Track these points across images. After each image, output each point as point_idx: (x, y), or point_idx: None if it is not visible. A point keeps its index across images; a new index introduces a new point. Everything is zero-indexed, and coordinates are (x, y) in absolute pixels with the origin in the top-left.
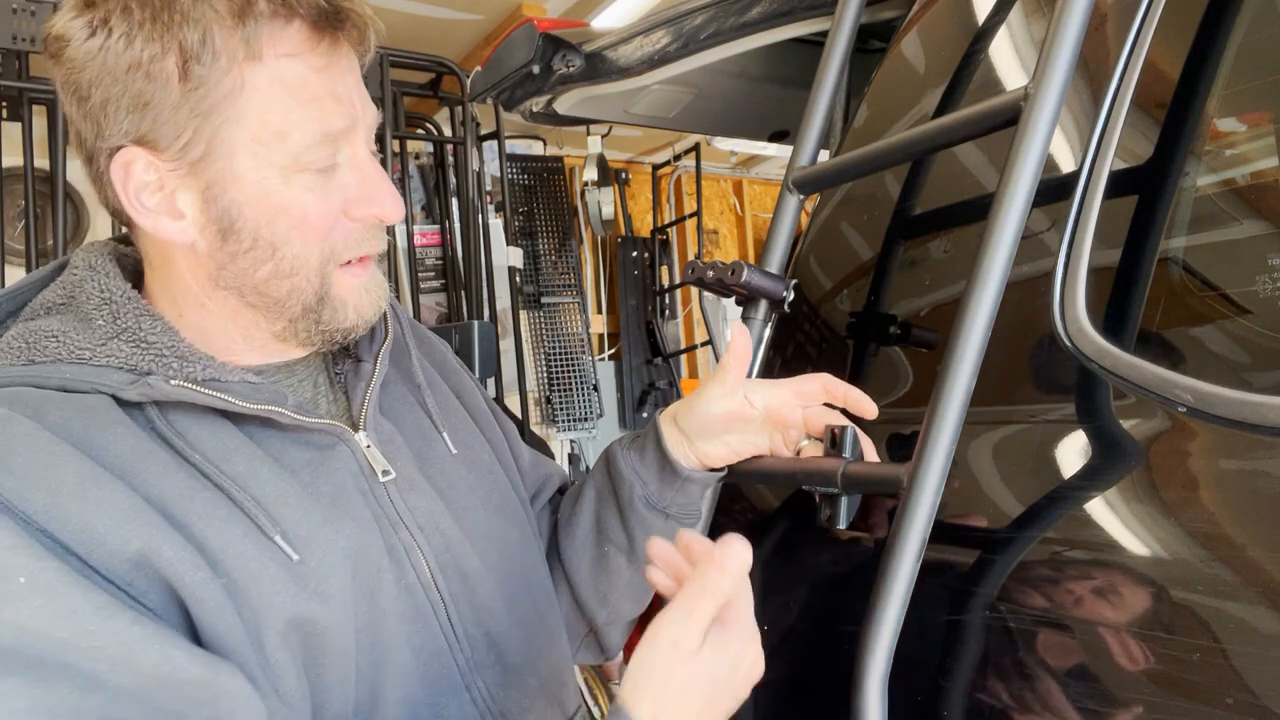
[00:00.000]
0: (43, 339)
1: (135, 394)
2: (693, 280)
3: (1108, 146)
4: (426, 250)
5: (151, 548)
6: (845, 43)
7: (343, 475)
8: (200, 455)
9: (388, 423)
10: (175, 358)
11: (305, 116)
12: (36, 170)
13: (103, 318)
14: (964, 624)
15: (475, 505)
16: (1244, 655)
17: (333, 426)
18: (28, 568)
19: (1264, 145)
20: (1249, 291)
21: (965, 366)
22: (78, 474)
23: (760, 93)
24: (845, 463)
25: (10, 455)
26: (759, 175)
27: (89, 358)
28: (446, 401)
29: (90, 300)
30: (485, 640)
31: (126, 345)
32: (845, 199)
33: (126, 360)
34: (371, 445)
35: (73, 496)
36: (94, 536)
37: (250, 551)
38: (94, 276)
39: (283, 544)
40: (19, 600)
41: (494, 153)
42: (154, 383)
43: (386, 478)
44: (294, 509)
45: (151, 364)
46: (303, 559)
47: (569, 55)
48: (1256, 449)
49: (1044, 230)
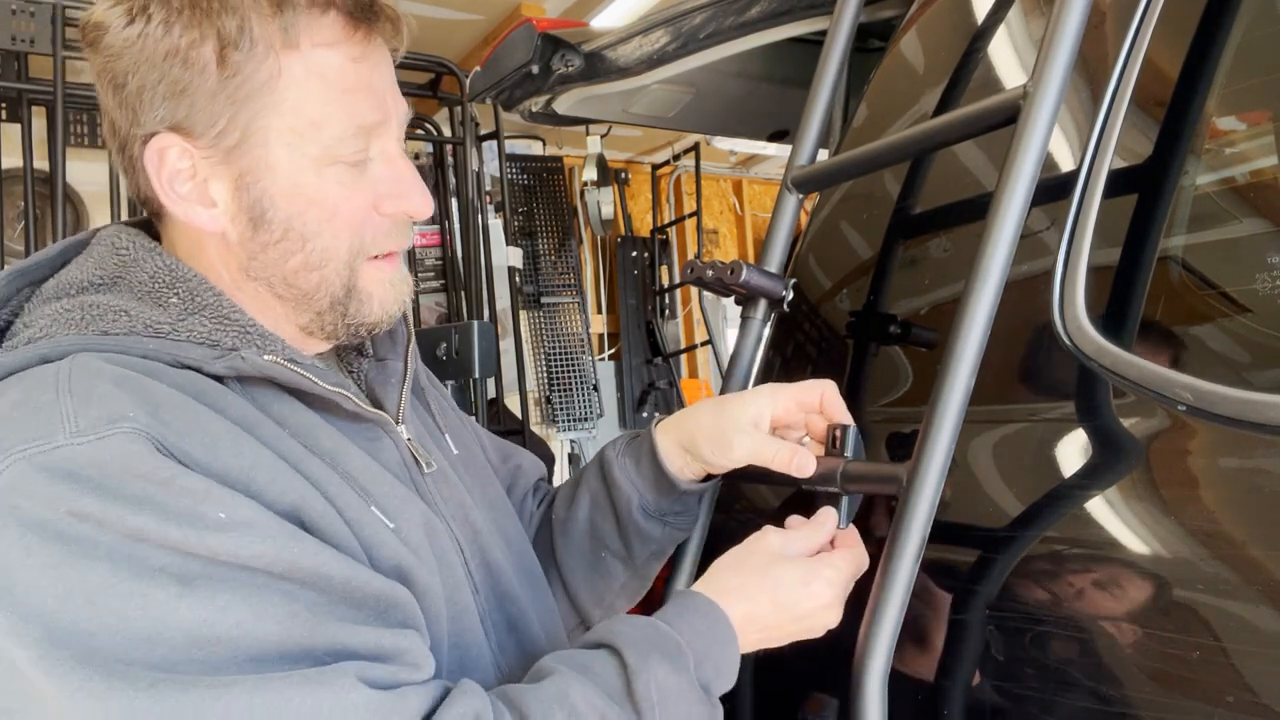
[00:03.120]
0: (108, 313)
1: (222, 367)
2: (692, 280)
3: (1107, 145)
4: (426, 250)
5: (304, 501)
6: (844, 42)
7: (395, 464)
8: (291, 430)
9: (416, 418)
10: (259, 335)
11: (340, 108)
12: (36, 171)
13: (176, 294)
14: (964, 623)
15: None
16: (1244, 654)
17: (381, 417)
18: (225, 503)
19: (1263, 144)
20: (1248, 290)
21: (965, 365)
22: (224, 429)
23: (759, 92)
24: (845, 462)
25: (160, 409)
26: (758, 175)
27: (167, 332)
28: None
29: (155, 278)
30: (507, 625)
31: (209, 321)
32: (844, 198)
33: (208, 336)
34: (412, 438)
35: (228, 450)
36: (252, 489)
37: (365, 514)
38: (152, 256)
39: (379, 514)
40: (222, 531)
41: (493, 153)
42: (247, 356)
43: (429, 470)
44: (380, 484)
45: (236, 340)
46: (398, 526)
47: (568, 55)
48: (1256, 447)
49: (1043, 229)
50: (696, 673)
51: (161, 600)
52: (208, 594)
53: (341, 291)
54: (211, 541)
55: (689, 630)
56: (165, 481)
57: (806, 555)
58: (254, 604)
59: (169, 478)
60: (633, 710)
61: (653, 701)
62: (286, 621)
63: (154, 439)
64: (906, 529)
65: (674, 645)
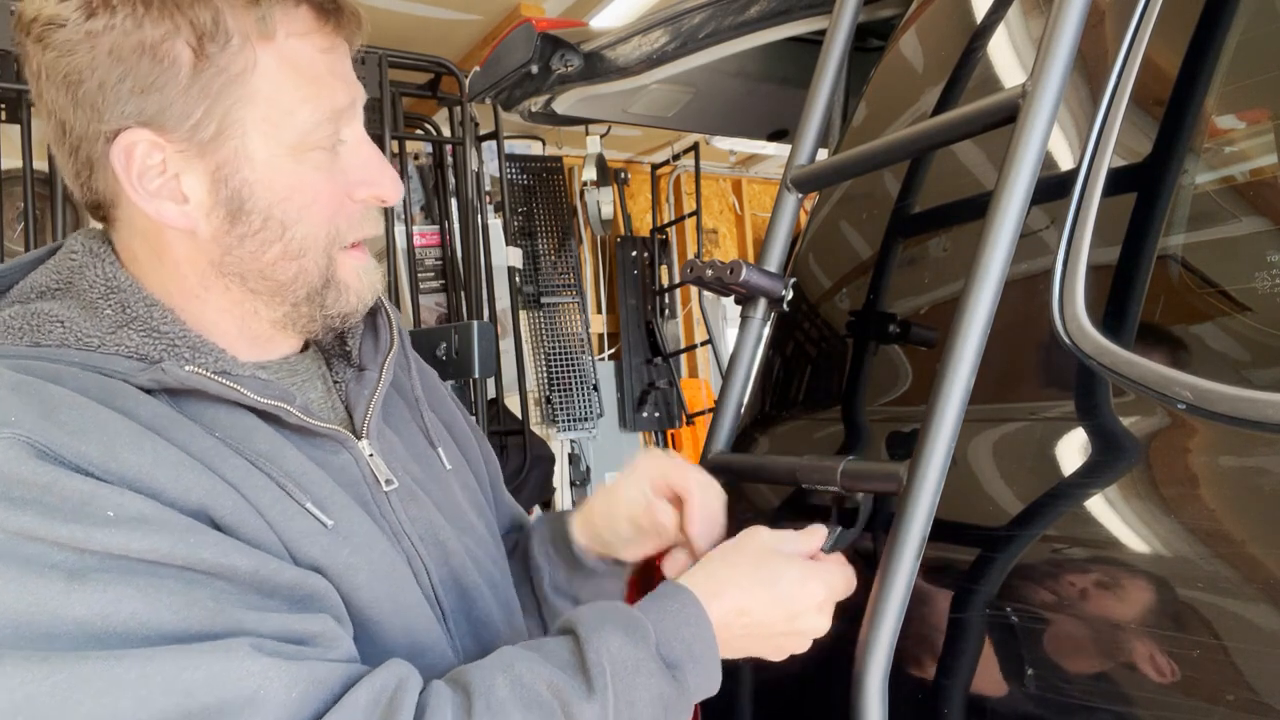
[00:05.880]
0: (46, 323)
1: (147, 379)
2: (692, 279)
3: (1106, 144)
4: (426, 251)
5: (211, 499)
6: (843, 41)
7: (347, 482)
8: (222, 433)
9: (389, 432)
10: (187, 347)
11: (313, 94)
12: (36, 172)
13: (110, 306)
14: (964, 622)
15: (472, 522)
16: (1244, 652)
17: (337, 432)
18: (113, 501)
19: (1263, 142)
20: (1248, 288)
21: (964, 364)
22: (125, 428)
23: (759, 92)
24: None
25: (55, 411)
26: (758, 174)
27: (96, 345)
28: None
29: (94, 287)
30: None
31: (137, 334)
32: (844, 197)
33: (137, 349)
34: (375, 454)
35: (128, 447)
36: (153, 486)
37: (291, 510)
38: (96, 263)
39: (315, 510)
40: (111, 527)
41: (493, 153)
42: (168, 368)
43: (390, 487)
44: (321, 485)
45: (163, 352)
46: (336, 524)
47: (567, 55)
48: (1256, 445)
49: (1043, 228)
50: (660, 650)
51: (52, 595)
52: (99, 587)
53: (319, 281)
54: (101, 537)
55: (655, 610)
56: (46, 485)
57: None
58: (149, 595)
59: (49, 482)
60: (583, 680)
61: (604, 669)
62: (184, 610)
63: (35, 444)
64: (906, 528)
65: (632, 619)
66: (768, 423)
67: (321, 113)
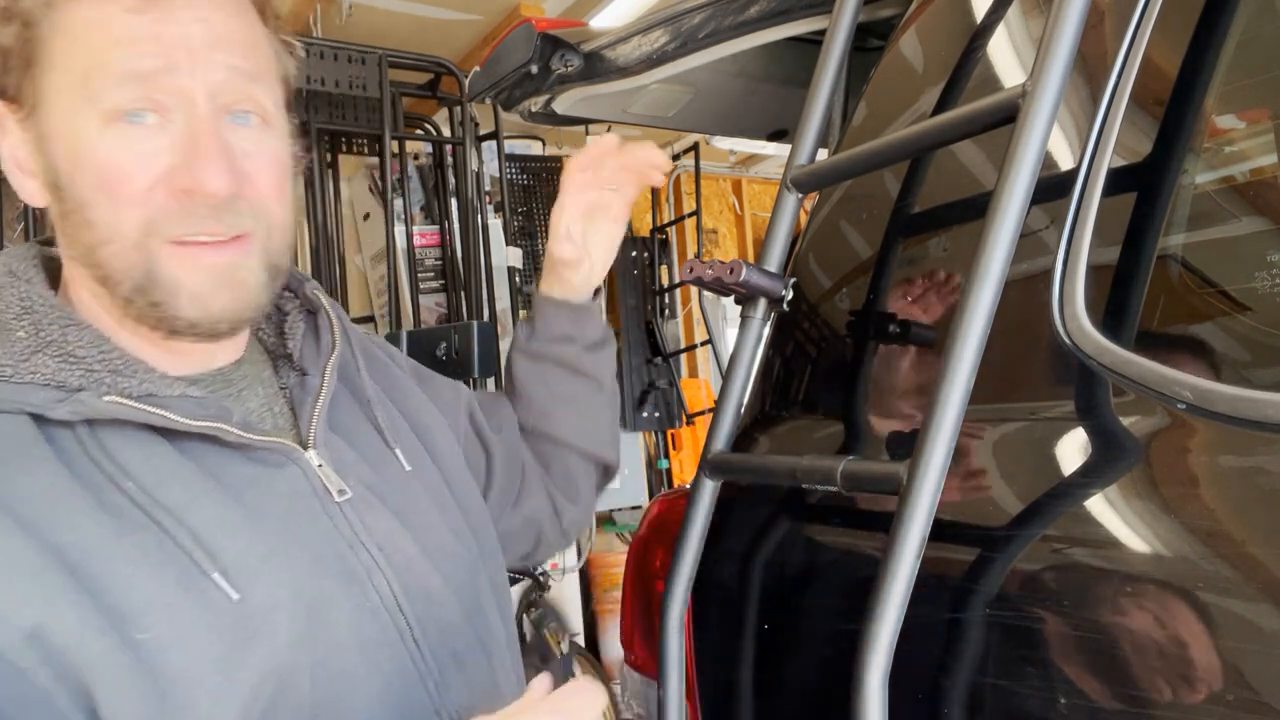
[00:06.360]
0: None
1: (65, 412)
2: (692, 279)
3: (1106, 143)
4: (426, 251)
5: (51, 615)
6: (843, 41)
7: (294, 495)
8: (134, 483)
9: (338, 439)
10: (107, 372)
11: (112, 56)
12: None
13: (24, 329)
14: (964, 622)
15: (433, 523)
16: (1244, 652)
17: (281, 445)
18: None
19: (1263, 142)
20: (1248, 288)
21: (964, 364)
22: None
23: (759, 92)
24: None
25: None
26: (758, 174)
27: (9, 374)
28: (395, 419)
29: (9, 309)
30: (452, 660)
31: (52, 360)
32: (844, 197)
33: (53, 376)
34: (324, 464)
35: None
36: None
37: (181, 602)
38: (13, 283)
39: (222, 582)
40: None
41: (493, 153)
42: (85, 399)
43: (343, 497)
44: (237, 539)
45: (81, 379)
46: (244, 597)
47: (567, 55)
48: (1256, 445)
49: (1043, 228)
50: None
51: None
52: None
53: (141, 276)
54: None
55: None
56: None
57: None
58: None
59: None
60: None
61: None
62: None
63: None
64: (906, 528)
65: None
66: (768, 423)
67: (119, 73)
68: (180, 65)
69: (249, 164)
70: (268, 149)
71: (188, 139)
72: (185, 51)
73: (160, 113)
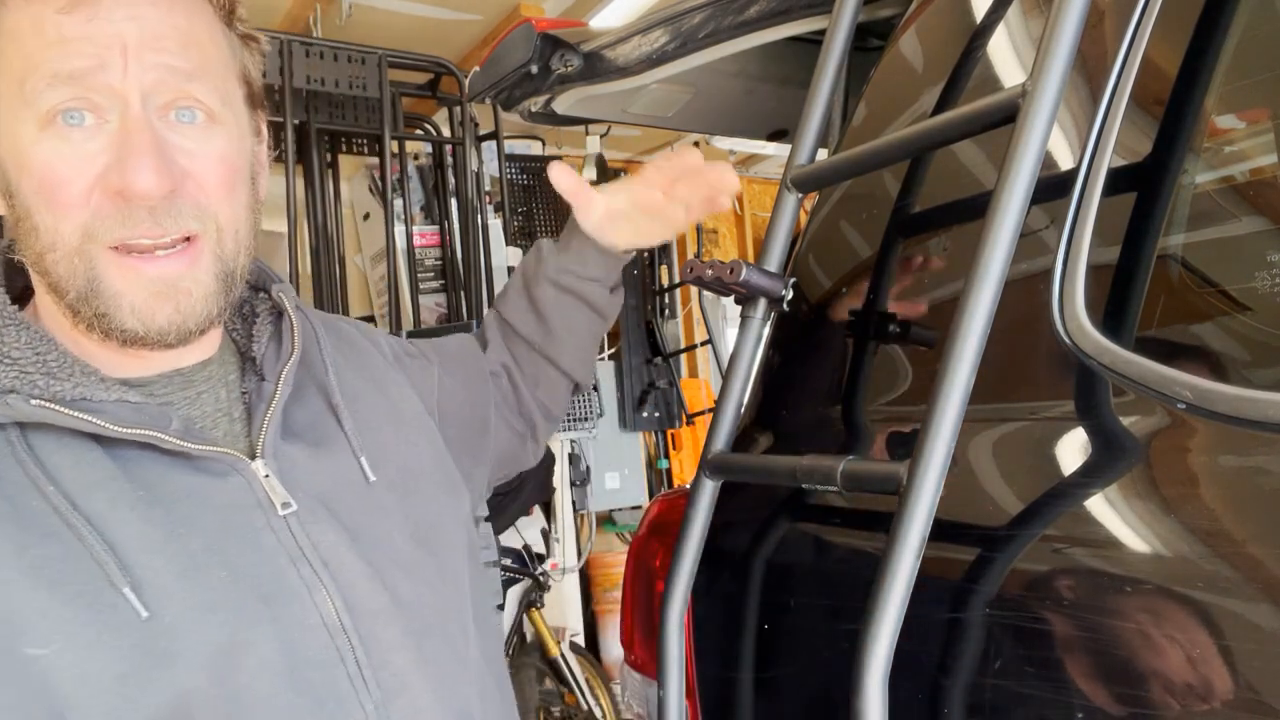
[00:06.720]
0: None
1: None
2: (692, 279)
3: (1106, 143)
4: (426, 251)
5: None
6: (843, 41)
7: (232, 508)
8: (56, 488)
9: (291, 448)
10: (41, 374)
11: (45, 59)
12: None
13: None
14: (964, 622)
15: (390, 535)
16: (1244, 652)
17: (224, 455)
18: None
19: (1263, 142)
20: (1248, 288)
21: (964, 364)
22: None
23: (758, 92)
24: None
25: None
26: (758, 174)
27: None
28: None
29: None
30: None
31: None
32: (844, 197)
33: None
34: (270, 475)
35: None
36: None
37: (84, 616)
38: None
39: (131, 597)
40: None
41: (493, 153)
42: (13, 402)
43: (287, 510)
44: (155, 555)
45: (14, 381)
46: (154, 614)
47: (567, 55)
48: (1256, 445)
49: (1043, 228)
50: None
51: None
52: None
53: (84, 284)
54: None
55: None
56: None
57: None
58: None
59: None
60: None
61: None
62: None
63: None
64: (906, 528)
65: None
66: (768, 423)
67: (49, 74)
68: (112, 64)
69: (191, 163)
70: (213, 147)
71: (120, 138)
72: (118, 51)
73: (96, 113)
